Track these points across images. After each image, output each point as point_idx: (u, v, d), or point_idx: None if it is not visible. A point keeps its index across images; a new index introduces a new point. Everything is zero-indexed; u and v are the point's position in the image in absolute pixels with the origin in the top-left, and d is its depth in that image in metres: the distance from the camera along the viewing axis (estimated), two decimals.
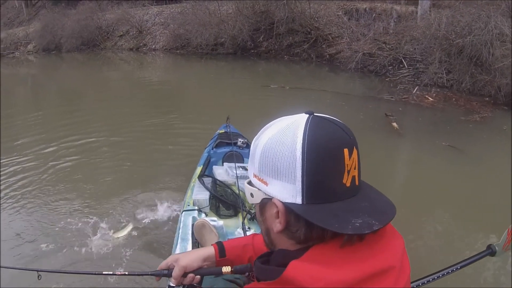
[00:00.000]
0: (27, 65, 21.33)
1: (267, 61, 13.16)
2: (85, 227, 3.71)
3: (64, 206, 4.19)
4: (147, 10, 20.00)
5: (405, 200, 4.11)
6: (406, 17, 11.16)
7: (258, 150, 0.81)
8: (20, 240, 3.61)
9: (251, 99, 8.55)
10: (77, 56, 19.92)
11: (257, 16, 13.66)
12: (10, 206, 4.25)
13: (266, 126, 0.85)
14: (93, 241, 3.48)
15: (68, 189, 4.60)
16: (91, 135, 6.48)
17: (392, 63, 9.99)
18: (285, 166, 0.75)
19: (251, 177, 0.85)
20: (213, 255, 1.36)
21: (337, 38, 12.01)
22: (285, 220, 0.78)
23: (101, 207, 4.12)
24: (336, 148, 0.75)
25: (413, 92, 8.29)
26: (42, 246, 3.48)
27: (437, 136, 5.86)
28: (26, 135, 6.75)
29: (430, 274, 1.57)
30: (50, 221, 3.89)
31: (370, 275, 0.72)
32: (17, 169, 5.26)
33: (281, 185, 0.77)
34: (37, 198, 4.40)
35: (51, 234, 3.67)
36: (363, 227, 0.72)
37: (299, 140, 0.74)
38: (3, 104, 9.40)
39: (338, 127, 0.79)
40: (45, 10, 25.96)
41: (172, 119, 7.36)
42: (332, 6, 13.17)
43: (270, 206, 0.81)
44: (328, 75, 10.89)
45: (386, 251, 0.78)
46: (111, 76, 14.27)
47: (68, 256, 3.32)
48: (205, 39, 14.50)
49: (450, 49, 8.55)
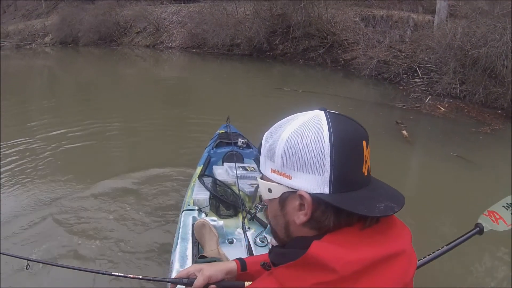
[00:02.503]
0: (43, 56, 21.86)
1: (282, 64, 13.34)
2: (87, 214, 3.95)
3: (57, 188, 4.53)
4: (165, 8, 20.41)
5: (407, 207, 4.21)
6: (422, 26, 11.28)
7: (280, 145, 0.83)
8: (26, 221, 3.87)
9: (262, 100, 8.82)
10: (93, 50, 20.40)
11: (274, 18, 13.88)
12: (21, 186, 4.61)
13: (281, 123, 0.89)
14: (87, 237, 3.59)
15: (70, 171, 4.99)
16: (104, 122, 7.02)
17: (406, 72, 10.14)
18: (314, 159, 0.79)
19: (268, 173, 0.88)
20: (235, 269, 1.37)
21: (353, 44, 12.16)
22: (312, 211, 0.81)
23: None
24: (358, 140, 0.82)
25: (425, 101, 8.42)
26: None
27: (446, 146, 5.97)
28: (38, 119, 7.35)
29: (420, 258, 1.68)
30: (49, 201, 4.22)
31: (386, 256, 0.77)
32: (29, 148, 5.75)
33: (309, 177, 0.80)
34: (39, 179, 4.77)
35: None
36: (387, 210, 0.80)
37: (326, 133, 0.79)
38: (19, 92, 10.17)
39: (354, 121, 0.86)
40: (63, 3, 26.45)
41: (180, 113, 7.79)
42: (349, 12, 13.33)
43: (292, 199, 0.84)
44: (343, 80, 11.05)
45: (398, 238, 0.84)
46: (127, 71, 14.71)
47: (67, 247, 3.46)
48: (222, 39, 14.73)
49: (464, 60, 8.64)
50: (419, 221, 3.91)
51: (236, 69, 13.64)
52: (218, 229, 2.56)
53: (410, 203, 3.43)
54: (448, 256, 1.84)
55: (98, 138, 6.28)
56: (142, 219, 3.87)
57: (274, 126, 0.90)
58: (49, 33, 24.88)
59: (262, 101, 8.66)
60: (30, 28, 26.55)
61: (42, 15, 28.13)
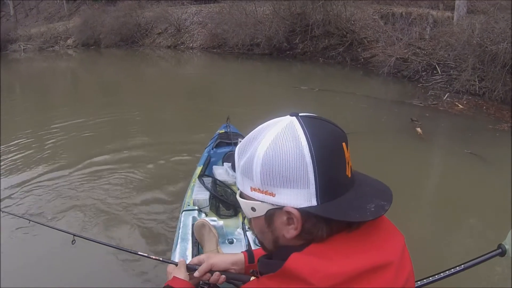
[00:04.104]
0: (67, 58, 22.60)
1: (302, 63, 13.49)
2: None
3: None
4: (186, 9, 20.84)
5: (410, 202, 4.28)
6: (442, 23, 11.35)
7: (256, 162, 0.80)
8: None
9: (275, 98, 9.03)
10: (115, 51, 20.96)
11: (293, 17, 14.04)
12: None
13: (253, 136, 0.85)
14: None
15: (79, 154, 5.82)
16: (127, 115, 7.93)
17: (426, 69, 10.23)
18: (297, 173, 0.76)
19: (248, 191, 0.84)
20: (242, 260, 1.40)
21: (372, 42, 12.30)
22: (302, 224, 0.79)
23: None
24: (337, 143, 0.80)
25: (443, 99, 8.50)
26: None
27: (461, 143, 6.01)
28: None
29: (435, 274, 1.63)
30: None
31: (368, 269, 0.74)
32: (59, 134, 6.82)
33: (294, 192, 0.77)
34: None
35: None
36: (378, 210, 0.79)
37: (304, 144, 0.76)
38: (44, 90, 11.50)
39: (330, 123, 0.83)
40: (85, 6, 27.21)
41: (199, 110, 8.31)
42: (369, 9, 13.44)
43: (279, 214, 0.81)
44: (362, 79, 11.17)
45: (386, 246, 0.81)
46: (149, 72, 15.22)
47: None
48: (241, 39, 15.01)
49: (483, 56, 8.62)
50: (420, 221, 4.03)
51: (255, 68, 13.93)
52: (218, 229, 2.56)
53: (415, 199, 4.12)
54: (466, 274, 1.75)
55: (118, 129, 7.19)
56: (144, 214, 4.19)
57: (245, 139, 0.86)
58: (71, 35, 25.70)
59: (274, 100, 8.85)
60: (53, 31, 27.39)
61: (64, 18, 28.96)
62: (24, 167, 5.56)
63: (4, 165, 5.62)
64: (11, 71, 19.22)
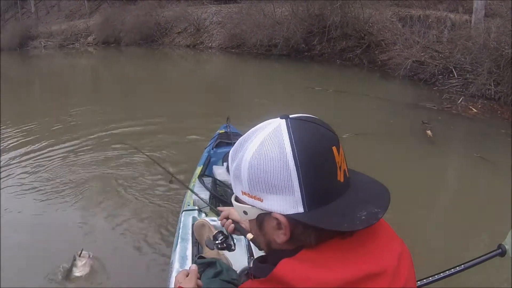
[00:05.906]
0: (87, 56, 23.39)
1: (319, 65, 13.65)
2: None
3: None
4: (206, 8, 21.27)
5: (415, 203, 4.34)
6: (459, 26, 11.46)
7: (244, 168, 0.81)
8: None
9: (288, 98, 9.41)
10: (135, 50, 21.50)
11: (312, 19, 14.22)
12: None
13: (243, 139, 0.85)
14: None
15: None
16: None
17: (442, 72, 10.32)
18: (280, 180, 0.76)
19: (240, 194, 0.86)
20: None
21: (390, 44, 12.42)
22: (290, 231, 0.79)
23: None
24: (326, 148, 0.78)
25: (457, 102, 8.59)
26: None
27: (471, 147, 6.08)
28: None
29: (435, 274, 1.65)
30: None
31: (361, 277, 0.73)
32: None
33: (279, 199, 0.77)
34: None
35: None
36: (370, 219, 0.77)
37: (288, 150, 0.75)
38: (65, 86, 12.67)
39: (320, 126, 0.81)
40: (106, 4, 27.85)
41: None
42: (387, 12, 13.55)
43: (269, 219, 0.82)
44: (379, 81, 11.29)
45: (381, 253, 0.80)
46: (168, 70, 15.74)
47: None
48: (259, 39, 15.23)
49: (500, 60, 8.70)
50: (422, 220, 4.12)
51: (273, 69, 14.18)
52: (218, 229, 2.43)
53: (420, 200, 4.39)
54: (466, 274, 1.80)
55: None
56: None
57: (237, 142, 0.87)
58: (92, 33, 26.41)
59: (286, 100, 9.18)
60: (73, 28, 28.21)
61: (85, 16, 29.66)
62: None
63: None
64: (31, 67, 20.04)
